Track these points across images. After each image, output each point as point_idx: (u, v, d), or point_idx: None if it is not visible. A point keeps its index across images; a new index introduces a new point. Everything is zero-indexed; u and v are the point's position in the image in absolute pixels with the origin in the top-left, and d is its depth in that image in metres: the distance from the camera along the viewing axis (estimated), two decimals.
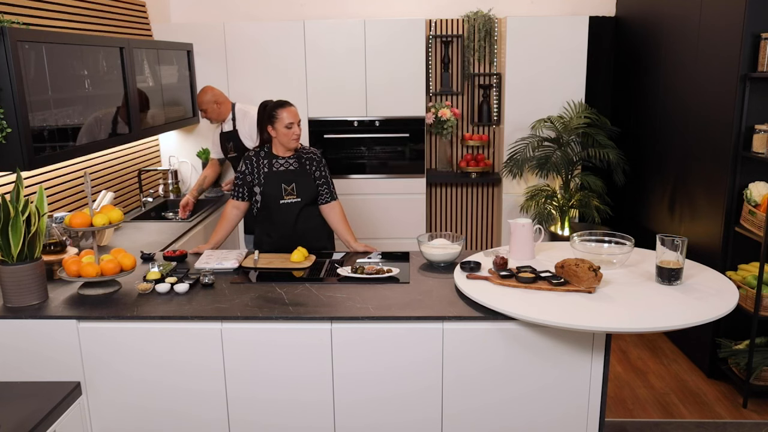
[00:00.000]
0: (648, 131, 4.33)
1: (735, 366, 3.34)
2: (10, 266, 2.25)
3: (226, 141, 4.12)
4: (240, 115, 4.11)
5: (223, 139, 4.14)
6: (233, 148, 4.08)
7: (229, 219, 3.03)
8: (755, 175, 3.25)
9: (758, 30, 3.10)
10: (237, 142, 4.09)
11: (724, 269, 3.37)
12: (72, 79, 2.98)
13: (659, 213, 4.16)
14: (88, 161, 3.60)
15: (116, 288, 2.44)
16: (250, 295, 2.38)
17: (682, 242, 2.28)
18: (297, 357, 2.23)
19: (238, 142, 4.09)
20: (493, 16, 4.79)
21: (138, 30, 4.31)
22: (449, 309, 2.21)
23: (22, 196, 2.23)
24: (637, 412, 3.21)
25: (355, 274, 2.54)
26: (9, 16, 2.91)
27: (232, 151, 4.08)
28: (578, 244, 2.60)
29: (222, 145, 4.15)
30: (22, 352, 2.24)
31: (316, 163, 3.04)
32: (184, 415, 2.30)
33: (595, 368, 2.21)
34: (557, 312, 2.07)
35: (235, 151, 4.06)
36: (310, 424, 2.30)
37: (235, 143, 4.09)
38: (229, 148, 4.09)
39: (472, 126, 5.02)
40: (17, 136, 2.54)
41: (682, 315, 2.05)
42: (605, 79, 4.93)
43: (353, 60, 4.55)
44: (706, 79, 3.53)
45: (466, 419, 2.27)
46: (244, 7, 4.91)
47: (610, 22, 4.83)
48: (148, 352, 2.24)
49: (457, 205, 5.19)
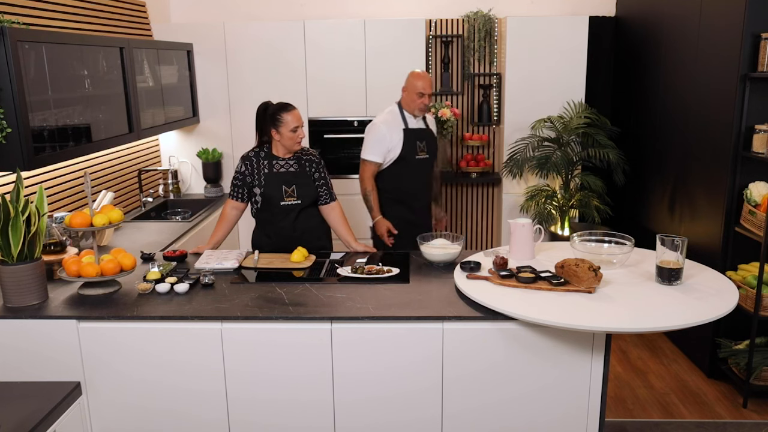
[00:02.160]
0: (648, 131, 4.33)
1: (735, 366, 3.34)
2: (10, 266, 2.25)
3: (416, 139, 3.42)
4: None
5: (411, 136, 3.41)
6: (425, 149, 3.44)
7: (228, 219, 3.03)
8: (755, 175, 3.25)
9: (758, 30, 3.10)
10: (431, 142, 3.50)
11: (724, 269, 3.36)
12: (72, 79, 2.98)
13: (659, 213, 4.16)
14: (88, 161, 3.60)
15: (116, 288, 2.44)
16: (250, 295, 2.38)
17: (682, 242, 2.28)
18: (297, 357, 2.23)
19: (431, 142, 3.50)
20: (493, 16, 4.79)
21: (138, 30, 4.31)
22: (449, 309, 2.21)
23: (22, 196, 2.23)
24: (637, 412, 3.21)
25: (355, 274, 2.54)
26: (9, 16, 2.91)
27: (423, 152, 3.43)
28: (578, 244, 2.60)
29: (409, 144, 3.40)
30: (22, 352, 2.24)
31: (316, 165, 3.04)
32: (184, 415, 2.30)
33: (595, 368, 2.21)
34: (557, 312, 2.07)
35: (427, 152, 3.46)
36: (310, 424, 2.30)
37: (429, 143, 3.48)
38: (419, 147, 3.42)
39: (472, 126, 5.02)
40: (17, 136, 2.55)
41: (682, 315, 2.05)
42: (605, 79, 4.93)
43: (353, 60, 4.55)
44: (706, 79, 3.52)
45: (466, 419, 2.27)
46: (244, 7, 4.91)
47: (610, 22, 4.83)
48: (148, 352, 2.24)
49: (457, 205, 5.19)
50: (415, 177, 3.45)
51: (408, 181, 3.44)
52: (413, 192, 3.47)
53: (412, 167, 3.42)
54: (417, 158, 3.41)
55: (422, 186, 3.50)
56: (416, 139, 3.41)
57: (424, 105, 3.36)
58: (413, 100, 3.35)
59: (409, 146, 3.39)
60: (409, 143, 3.39)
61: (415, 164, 3.42)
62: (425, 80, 3.32)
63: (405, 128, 3.39)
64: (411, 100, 3.36)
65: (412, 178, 3.44)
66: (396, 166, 3.42)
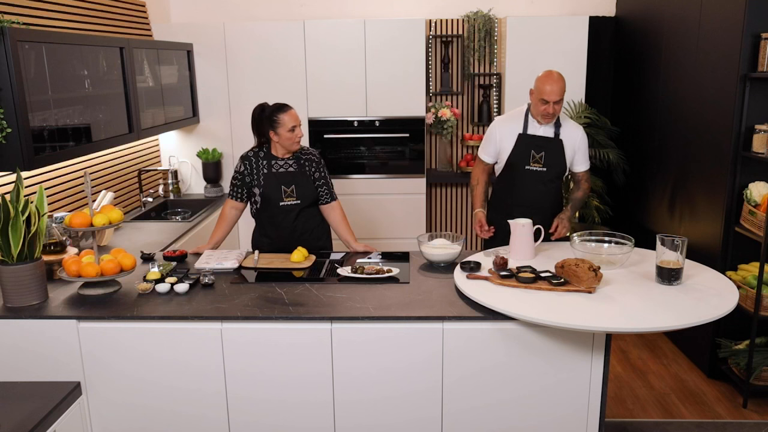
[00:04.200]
0: (648, 131, 4.33)
1: (735, 366, 3.34)
2: (10, 266, 2.25)
3: (532, 147, 3.00)
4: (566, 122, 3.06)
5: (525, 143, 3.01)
6: (541, 160, 3.00)
7: (228, 219, 3.03)
8: (755, 175, 3.25)
9: (758, 30, 3.10)
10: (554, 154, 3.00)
11: (724, 269, 3.36)
12: (72, 79, 2.98)
13: (659, 213, 4.16)
14: (88, 161, 3.60)
15: (116, 288, 2.44)
16: (250, 295, 2.38)
17: (682, 242, 2.28)
18: (297, 357, 2.23)
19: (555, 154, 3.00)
20: (493, 16, 4.79)
21: (138, 30, 4.31)
22: (449, 309, 2.21)
23: (22, 196, 2.23)
24: (637, 412, 3.21)
25: (355, 274, 2.54)
26: (9, 16, 2.91)
27: (537, 163, 3.00)
28: (578, 244, 2.60)
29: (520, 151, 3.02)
30: (22, 352, 2.24)
31: (315, 165, 3.04)
32: (184, 415, 2.30)
33: (595, 368, 2.21)
34: (557, 312, 2.07)
35: (543, 164, 3.00)
36: (310, 424, 2.30)
37: (551, 154, 2.99)
38: (533, 157, 3.00)
39: (472, 126, 5.02)
40: (17, 136, 2.54)
41: (682, 315, 2.05)
42: (605, 79, 4.93)
43: (353, 60, 4.55)
44: (706, 79, 3.53)
45: (466, 419, 2.27)
46: (244, 7, 4.91)
47: (610, 22, 4.83)
48: (148, 352, 2.24)
49: (457, 205, 5.19)
50: (523, 188, 3.04)
51: (514, 191, 3.06)
52: (518, 203, 3.05)
53: (521, 177, 3.03)
54: (527, 168, 3.00)
55: (529, 200, 3.04)
56: (532, 147, 2.99)
57: (547, 113, 2.89)
58: (536, 105, 2.92)
59: (521, 153, 3.00)
60: (521, 150, 3.00)
61: (524, 174, 3.02)
62: (554, 84, 2.84)
63: (522, 133, 3.00)
64: (535, 104, 2.94)
65: (518, 189, 3.05)
66: (507, 171, 3.07)
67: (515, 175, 3.06)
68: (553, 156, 3.01)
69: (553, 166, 3.02)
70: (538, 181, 3.04)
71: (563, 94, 2.88)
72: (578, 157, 3.07)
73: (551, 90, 2.84)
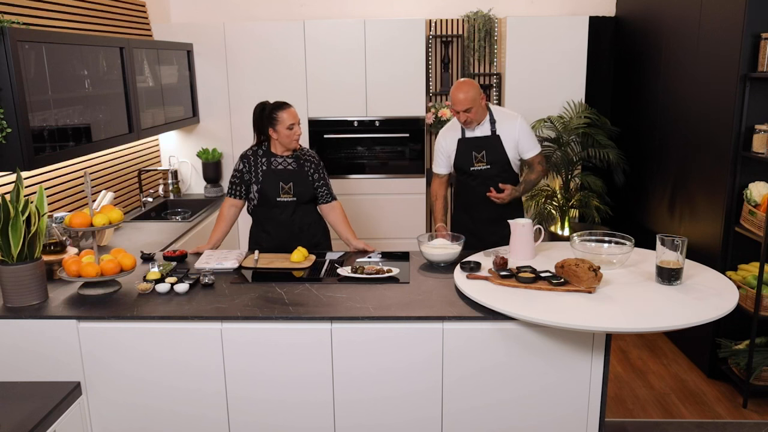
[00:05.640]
0: (648, 131, 4.33)
1: (735, 366, 3.34)
2: (10, 266, 2.25)
3: (473, 149, 3.19)
4: (501, 117, 3.21)
5: (466, 146, 3.20)
6: (483, 158, 3.17)
7: (227, 218, 3.04)
8: (755, 175, 3.25)
9: (758, 30, 3.10)
10: (494, 149, 3.17)
11: (724, 269, 3.36)
12: (72, 79, 2.98)
13: (659, 213, 4.16)
14: (88, 161, 3.60)
15: (116, 288, 2.44)
16: (250, 295, 2.38)
17: (682, 242, 2.28)
18: (297, 357, 2.23)
19: (495, 149, 3.17)
20: (493, 16, 4.79)
21: (138, 30, 4.31)
22: (449, 309, 2.21)
23: (22, 196, 2.23)
24: (637, 412, 3.21)
25: (355, 274, 2.54)
26: (9, 16, 2.91)
27: (481, 162, 3.17)
28: (578, 244, 2.60)
29: (463, 155, 3.21)
30: (22, 352, 2.24)
31: (314, 166, 3.05)
32: (184, 415, 2.30)
33: (595, 368, 2.21)
34: (557, 312, 2.07)
35: (487, 161, 3.17)
36: (310, 424, 2.30)
37: (491, 151, 3.17)
38: (476, 158, 3.17)
39: None
40: (17, 136, 2.55)
41: (682, 315, 2.05)
42: (605, 79, 4.93)
43: (353, 60, 4.55)
44: (706, 79, 3.52)
45: (466, 419, 2.27)
46: (244, 7, 4.91)
47: (610, 22, 4.83)
48: (148, 352, 2.24)
49: None
50: (474, 188, 3.22)
51: (468, 192, 3.27)
52: (473, 203, 3.26)
53: (470, 178, 3.23)
54: (473, 169, 3.19)
55: (482, 197, 3.17)
56: (472, 148, 3.17)
57: (462, 120, 3.09)
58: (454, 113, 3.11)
59: (464, 157, 3.19)
60: (464, 154, 3.19)
61: (472, 175, 3.21)
62: (458, 94, 3.00)
63: (461, 137, 3.19)
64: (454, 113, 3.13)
65: (471, 189, 3.25)
66: (459, 176, 3.29)
67: (465, 179, 3.27)
68: (493, 152, 3.18)
69: (497, 161, 3.19)
70: (487, 179, 3.20)
71: (471, 102, 3.02)
72: (523, 144, 3.20)
73: (456, 100, 3.03)
